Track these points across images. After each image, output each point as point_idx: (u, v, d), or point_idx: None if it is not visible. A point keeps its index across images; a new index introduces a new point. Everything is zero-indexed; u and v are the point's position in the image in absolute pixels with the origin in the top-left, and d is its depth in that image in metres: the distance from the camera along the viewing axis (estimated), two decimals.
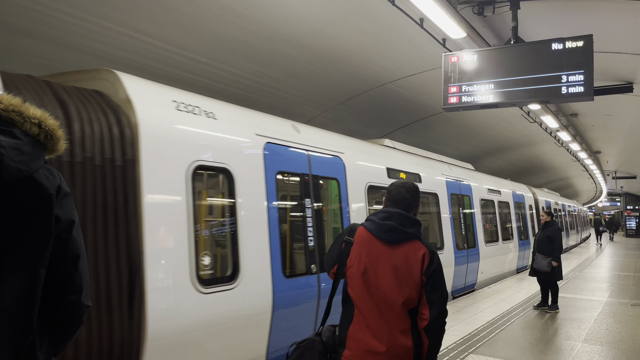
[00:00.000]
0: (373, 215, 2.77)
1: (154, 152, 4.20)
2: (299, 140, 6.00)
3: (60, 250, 1.48)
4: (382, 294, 2.57)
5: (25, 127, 1.43)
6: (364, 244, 2.66)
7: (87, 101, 3.96)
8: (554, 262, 8.93)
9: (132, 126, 4.09)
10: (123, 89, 4.27)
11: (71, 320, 1.58)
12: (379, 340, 2.53)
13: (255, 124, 5.49)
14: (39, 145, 1.47)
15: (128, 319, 3.79)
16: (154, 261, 4.01)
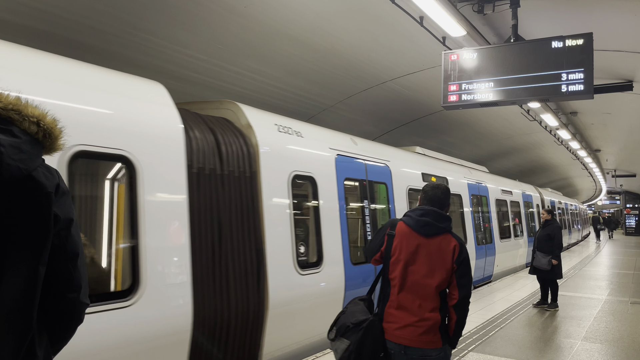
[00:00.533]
0: (411, 211, 3.29)
1: (268, 165, 5.47)
2: (357, 152, 7.31)
3: (59, 248, 1.48)
4: (419, 278, 3.11)
5: (24, 125, 1.43)
6: (404, 236, 3.19)
7: (224, 127, 5.21)
8: (554, 260, 8.93)
9: (254, 146, 5.39)
10: (244, 117, 5.56)
11: (70, 318, 1.59)
12: (412, 315, 3.08)
13: (327, 139, 6.83)
14: (37, 144, 1.47)
15: (257, 291, 5.03)
16: (271, 249, 5.24)
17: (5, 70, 3.41)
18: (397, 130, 14.52)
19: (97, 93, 3.94)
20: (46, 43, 5.78)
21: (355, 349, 3.12)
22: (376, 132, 14.13)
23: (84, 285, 1.59)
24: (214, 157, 4.89)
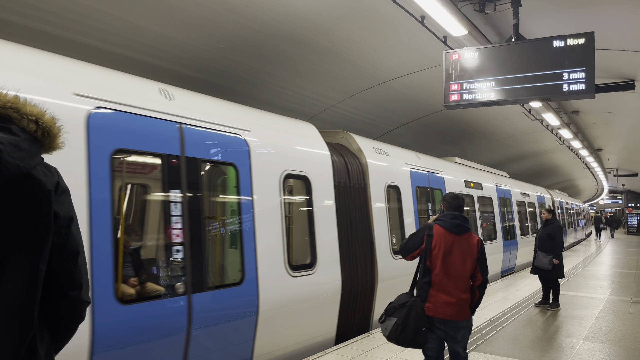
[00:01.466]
0: (443, 216, 4.26)
1: (374, 179, 7.65)
2: (421, 165, 9.44)
3: (59, 246, 1.49)
4: (455, 267, 4.06)
5: (22, 123, 1.44)
6: (440, 235, 4.12)
7: (345, 152, 7.43)
8: (555, 259, 8.91)
9: (364, 165, 7.59)
10: (356, 143, 7.81)
11: (72, 315, 1.59)
12: (450, 296, 4.01)
13: (403, 156, 9.02)
14: (36, 142, 1.47)
15: (371, 270, 7.29)
16: (377, 240, 7.39)
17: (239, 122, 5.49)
18: (398, 129, 14.52)
19: (290, 136, 6.33)
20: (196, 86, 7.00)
21: (402, 322, 3.98)
22: (377, 131, 14.13)
23: (84, 283, 1.59)
24: (345, 174, 7.12)
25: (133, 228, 5.15)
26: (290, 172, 5.93)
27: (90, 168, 3.80)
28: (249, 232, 5.20)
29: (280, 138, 6.01)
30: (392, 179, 8.15)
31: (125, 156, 4.38)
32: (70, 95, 3.82)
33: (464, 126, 15.99)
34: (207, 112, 5.05)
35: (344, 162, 7.15)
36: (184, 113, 4.72)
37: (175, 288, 4.36)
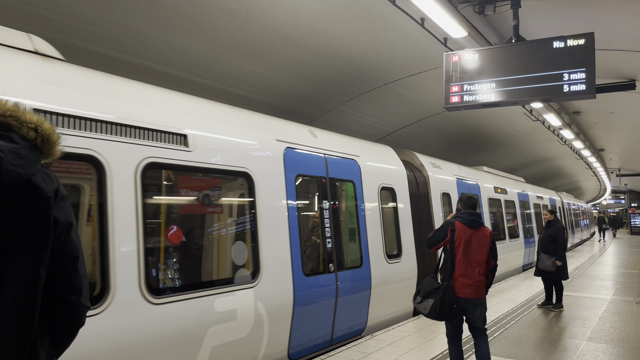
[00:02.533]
0: (461, 214, 5.13)
1: (433, 188, 9.55)
2: (461, 174, 11.42)
3: (59, 251, 1.50)
4: (474, 255, 4.93)
5: (22, 131, 1.45)
6: (461, 229, 4.99)
7: (412, 167, 9.22)
8: (558, 261, 8.88)
9: (426, 177, 9.49)
10: (418, 159, 9.67)
11: (71, 320, 1.60)
12: (469, 279, 4.89)
13: (450, 168, 10.98)
14: (36, 150, 1.49)
15: (433, 259, 8.63)
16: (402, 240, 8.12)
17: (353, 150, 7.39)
18: (399, 131, 14.52)
19: (380, 157, 8.12)
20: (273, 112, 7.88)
21: (439, 303, 4.79)
22: (378, 134, 14.14)
23: (84, 288, 1.60)
24: (415, 185, 8.95)
25: (308, 225, 6.66)
26: (383, 185, 7.81)
27: (287, 186, 5.77)
28: (362, 229, 7.12)
29: (376, 160, 7.92)
30: (444, 188, 10.11)
31: (303, 178, 6.23)
32: (273, 141, 5.79)
33: (464, 127, 15.99)
34: (335, 144, 7.02)
35: (414, 176, 9.04)
36: (325, 146, 6.69)
37: (329, 267, 6.31)
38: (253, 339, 5.02)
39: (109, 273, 3.81)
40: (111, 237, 3.87)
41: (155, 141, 4.32)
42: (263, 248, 5.26)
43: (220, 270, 5.33)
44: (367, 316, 6.98)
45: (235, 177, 5.30)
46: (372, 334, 7.01)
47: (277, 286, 5.36)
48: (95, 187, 3.91)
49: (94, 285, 3.75)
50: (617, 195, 52.22)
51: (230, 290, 4.80)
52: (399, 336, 6.88)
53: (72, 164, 3.94)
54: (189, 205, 5.18)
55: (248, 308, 4.94)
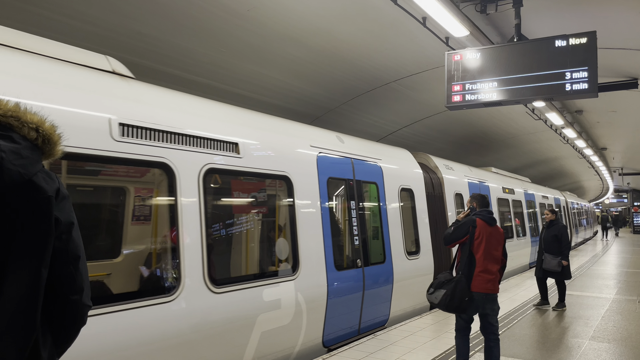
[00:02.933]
0: (480, 212, 5.33)
1: (447, 189, 10.13)
2: (472, 175, 12.00)
3: (60, 251, 1.51)
4: (492, 251, 5.14)
5: (23, 131, 1.47)
6: (482, 227, 5.16)
7: (427, 169, 9.72)
8: (564, 261, 8.80)
9: (440, 179, 10.02)
10: (433, 162, 10.24)
11: (73, 319, 1.61)
12: (490, 274, 5.06)
13: (462, 170, 11.54)
14: (37, 150, 1.50)
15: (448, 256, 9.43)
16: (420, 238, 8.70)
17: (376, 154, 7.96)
18: (400, 131, 14.51)
19: (399, 160, 8.66)
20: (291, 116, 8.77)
21: (450, 293, 4.93)
22: (380, 133, 14.13)
23: (85, 287, 1.61)
24: (431, 186, 9.46)
25: (337, 223, 7.02)
26: (403, 186, 8.35)
27: (320, 187, 6.31)
28: (385, 227, 7.64)
29: (395, 162, 8.45)
30: (457, 189, 10.65)
31: (333, 181, 6.73)
32: (308, 147, 6.37)
33: (466, 127, 15.98)
34: (360, 149, 7.53)
35: (429, 177, 9.56)
36: (351, 151, 7.23)
37: (357, 263, 6.83)
38: (294, 326, 5.56)
39: (179, 266, 4.31)
40: (181, 235, 4.36)
41: (213, 149, 4.86)
42: (301, 244, 5.84)
43: (267, 264, 6.12)
44: (389, 309, 7.54)
45: (277, 180, 5.84)
46: (394, 325, 7.57)
47: (313, 279, 5.94)
48: (167, 190, 4.43)
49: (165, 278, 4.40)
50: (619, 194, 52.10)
51: (275, 282, 5.35)
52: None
53: (147, 170, 4.63)
54: (240, 206, 5.87)
55: (290, 298, 5.49)
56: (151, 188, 4.89)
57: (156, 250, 4.75)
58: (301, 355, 5.78)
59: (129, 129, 4.08)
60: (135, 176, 5.07)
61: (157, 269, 4.64)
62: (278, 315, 5.30)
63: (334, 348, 6.30)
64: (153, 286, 4.55)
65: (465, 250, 5.14)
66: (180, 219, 4.36)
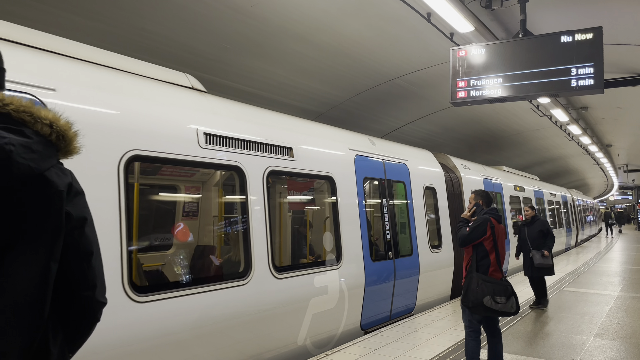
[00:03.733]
0: (490, 210, 5.29)
1: (466, 187, 10.62)
2: (487, 174, 12.57)
3: (72, 246, 1.51)
4: (502, 248, 5.20)
5: (36, 127, 1.47)
6: (496, 226, 5.16)
7: (447, 168, 10.30)
8: (546, 251, 8.56)
9: (459, 177, 10.64)
10: (452, 162, 10.84)
11: (85, 315, 1.61)
12: (500, 272, 5.14)
13: (478, 169, 12.17)
14: (51, 146, 1.50)
15: None
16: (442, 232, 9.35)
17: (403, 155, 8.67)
18: (405, 127, 14.48)
19: (422, 160, 9.28)
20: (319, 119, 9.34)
21: (516, 298, 5.04)
22: (384, 129, 14.10)
23: (99, 283, 1.60)
24: (450, 184, 10.04)
25: (372, 219, 7.54)
26: (427, 185, 8.98)
27: (357, 187, 6.95)
28: (412, 222, 8.30)
29: (420, 163, 9.07)
30: (474, 187, 11.03)
31: (368, 180, 7.45)
32: (347, 149, 7.00)
33: (471, 123, 15.93)
34: (390, 150, 8.22)
35: (449, 176, 10.16)
36: (381, 152, 7.87)
37: (389, 255, 7.48)
38: (338, 310, 6.27)
39: (250, 255, 5.03)
40: (251, 228, 5.09)
41: (273, 154, 5.55)
42: (343, 237, 6.54)
43: (316, 254, 6.99)
44: (416, 297, 8.20)
45: (323, 180, 6.54)
46: (420, 312, 8.22)
47: (353, 269, 6.62)
48: (238, 189, 5.14)
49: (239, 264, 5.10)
50: (624, 191, 51.90)
51: (323, 271, 6.06)
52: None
53: (226, 172, 5.45)
54: (294, 203, 6.79)
55: (335, 285, 6.20)
56: (230, 188, 5.62)
57: (234, 241, 5.52)
58: (343, 337, 6.47)
59: (210, 138, 4.78)
60: (217, 178, 6.10)
61: (236, 256, 5.34)
62: (326, 300, 6.03)
63: (370, 331, 6.94)
64: (233, 271, 5.23)
65: (482, 250, 5.08)
66: (251, 214, 5.09)
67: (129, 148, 4.02)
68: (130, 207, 4.03)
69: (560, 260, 16.96)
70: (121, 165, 3.95)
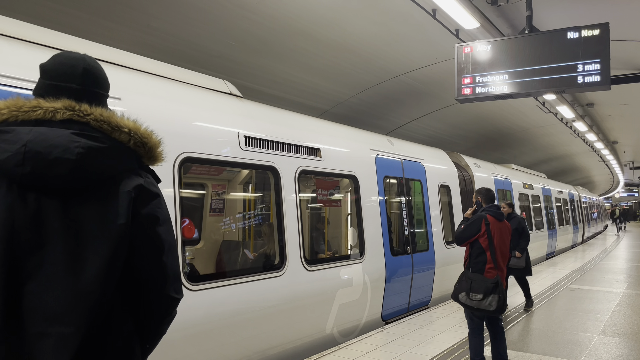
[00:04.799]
0: (489, 207, 5.33)
1: (478, 185, 10.56)
2: (497, 171, 12.89)
3: (144, 244, 1.60)
4: (502, 246, 5.17)
5: (114, 135, 1.62)
6: (494, 223, 5.17)
7: (459, 167, 10.52)
8: (519, 253, 8.18)
9: (471, 176, 10.90)
10: (464, 160, 11.12)
11: (158, 311, 1.68)
12: (501, 270, 5.12)
13: (489, 168, 12.52)
14: (128, 151, 1.65)
15: None
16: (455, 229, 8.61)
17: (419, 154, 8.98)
18: (410, 124, 14.45)
19: (437, 159, 9.57)
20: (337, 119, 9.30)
21: (503, 297, 4.96)
22: (389, 126, 14.08)
23: (171, 279, 1.67)
24: (463, 182, 10.35)
25: (391, 215, 7.96)
26: (441, 183, 9.31)
27: (378, 186, 7.29)
28: (428, 219, 8.64)
29: (435, 162, 9.40)
30: (485, 184, 11.31)
31: (388, 179, 7.76)
32: (368, 150, 7.37)
33: (477, 120, 15.88)
34: (407, 150, 8.58)
35: (462, 175, 10.45)
36: (399, 152, 8.22)
37: (407, 250, 7.88)
38: (361, 301, 6.63)
39: (285, 249, 5.43)
40: (285, 223, 5.49)
41: (303, 154, 5.92)
42: (366, 233, 6.90)
43: (342, 248, 7.52)
44: (432, 291, 8.59)
45: (347, 179, 6.90)
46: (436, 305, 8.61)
47: (375, 263, 6.99)
48: (273, 188, 5.51)
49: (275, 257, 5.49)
50: (630, 188, 51.64)
51: (348, 264, 6.47)
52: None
53: (262, 172, 5.75)
54: (322, 200, 7.11)
55: (359, 278, 6.56)
56: (266, 187, 5.99)
57: (272, 235, 5.83)
58: (366, 327, 6.84)
59: (249, 140, 5.17)
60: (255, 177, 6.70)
61: (273, 249, 5.71)
62: (351, 292, 6.43)
63: (390, 322, 7.36)
64: (271, 263, 5.59)
65: (478, 247, 5.12)
66: (284, 211, 5.48)
67: (182, 150, 4.42)
68: (183, 203, 4.50)
69: (567, 257, 16.96)
70: (176, 166, 4.35)
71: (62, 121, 1.56)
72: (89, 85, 1.68)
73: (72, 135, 1.52)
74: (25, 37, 3.75)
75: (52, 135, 1.51)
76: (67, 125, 1.55)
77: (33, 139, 1.49)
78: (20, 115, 1.54)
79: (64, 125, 1.55)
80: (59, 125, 1.54)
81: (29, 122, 1.54)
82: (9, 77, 3.41)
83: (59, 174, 1.49)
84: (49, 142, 1.49)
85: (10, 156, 1.46)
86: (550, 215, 17.39)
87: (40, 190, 1.49)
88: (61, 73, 1.64)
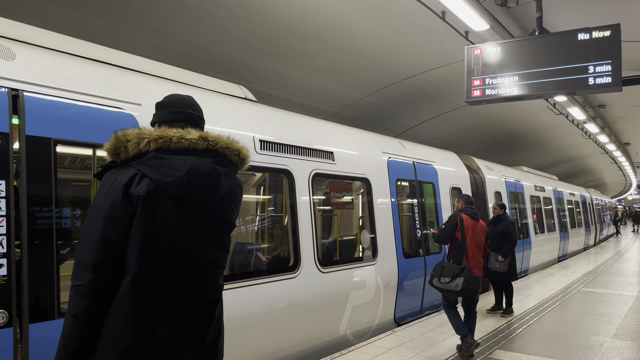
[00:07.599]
0: (465, 209, 6.17)
1: (489, 187, 11.23)
2: (507, 173, 13.03)
3: None
4: (477, 241, 6.07)
5: (232, 157, 2.14)
6: (468, 221, 6.04)
7: (471, 169, 10.71)
8: (502, 257, 8.04)
9: (482, 178, 11.18)
10: (475, 163, 11.37)
11: None
12: (477, 261, 5.99)
13: (500, 170, 12.62)
14: (236, 168, 2.18)
15: None
16: None
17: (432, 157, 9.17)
18: (419, 126, 14.42)
19: (447, 162, 9.70)
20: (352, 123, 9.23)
21: (469, 279, 5.67)
22: (398, 128, 14.06)
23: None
24: (475, 184, 10.53)
25: (404, 218, 7.98)
26: (453, 185, 9.46)
27: (390, 187, 7.45)
28: (440, 221, 8.61)
29: (446, 164, 9.55)
30: (496, 187, 11.76)
31: (400, 181, 7.84)
32: (380, 152, 7.47)
33: (487, 122, 15.81)
34: (419, 153, 8.70)
35: (473, 177, 10.63)
36: (411, 155, 8.36)
37: (419, 252, 8.01)
38: (374, 303, 6.72)
39: (299, 251, 5.54)
40: (299, 226, 5.60)
41: (317, 157, 6.03)
42: (379, 235, 6.98)
43: (355, 250, 7.37)
44: None
45: (360, 182, 7.01)
46: None
47: (388, 265, 7.06)
48: (288, 191, 5.61)
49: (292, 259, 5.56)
50: None
51: (362, 266, 6.53)
52: None
53: (276, 175, 5.85)
54: (335, 202, 7.14)
55: (372, 280, 6.64)
56: (280, 190, 6.08)
57: (286, 238, 5.90)
58: (379, 328, 6.93)
59: (264, 144, 5.27)
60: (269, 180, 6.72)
61: (288, 252, 5.76)
62: (364, 293, 6.51)
63: (402, 324, 7.41)
64: (286, 265, 5.63)
65: (456, 242, 6.01)
66: (299, 214, 5.59)
67: None
68: None
69: (579, 259, 16.80)
70: None
71: (202, 150, 2.03)
72: (198, 112, 2.22)
73: (212, 164, 2.02)
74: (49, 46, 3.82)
75: (201, 165, 1.99)
76: (206, 153, 2.03)
77: (191, 167, 1.96)
78: (172, 144, 1.98)
79: (204, 153, 2.03)
80: (201, 154, 2.02)
81: (179, 151, 1.99)
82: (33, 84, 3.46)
83: (207, 194, 2.01)
84: (201, 171, 1.98)
85: (175, 180, 1.92)
86: (562, 218, 17.38)
87: (188, 204, 1.99)
88: (179, 104, 2.18)
